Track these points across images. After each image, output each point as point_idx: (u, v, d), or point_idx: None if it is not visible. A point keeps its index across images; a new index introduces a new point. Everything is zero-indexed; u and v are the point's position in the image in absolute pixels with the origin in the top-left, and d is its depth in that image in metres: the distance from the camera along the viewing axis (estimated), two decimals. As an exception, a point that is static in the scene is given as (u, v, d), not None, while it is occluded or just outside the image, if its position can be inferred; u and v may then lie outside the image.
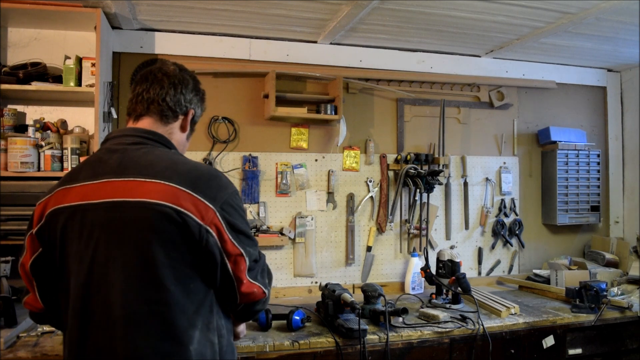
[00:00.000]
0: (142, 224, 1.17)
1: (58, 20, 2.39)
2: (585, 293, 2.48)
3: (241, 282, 1.26)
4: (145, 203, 1.17)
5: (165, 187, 1.18)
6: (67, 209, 1.22)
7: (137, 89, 1.39)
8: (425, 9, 2.40)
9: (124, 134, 1.34)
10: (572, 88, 3.53)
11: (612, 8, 2.33)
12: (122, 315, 1.16)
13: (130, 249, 1.17)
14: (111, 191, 1.20)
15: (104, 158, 1.27)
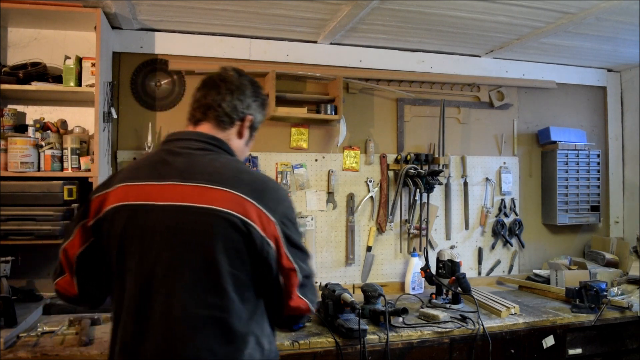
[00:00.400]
0: (208, 230, 1.18)
1: (58, 20, 2.39)
2: (585, 293, 2.48)
3: (290, 296, 1.26)
4: (212, 210, 1.18)
5: (232, 195, 1.20)
6: (129, 207, 1.23)
7: (197, 94, 1.40)
8: (425, 9, 2.40)
9: (188, 138, 1.33)
10: (572, 88, 3.53)
11: (612, 8, 2.33)
12: (183, 318, 1.17)
13: (194, 254, 1.18)
14: (177, 195, 1.21)
15: (168, 160, 1.27)
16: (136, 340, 1.20)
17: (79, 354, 1.83)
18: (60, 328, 2.01)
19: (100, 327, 2.13)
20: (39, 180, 2.23)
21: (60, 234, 2.20)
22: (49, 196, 2.22)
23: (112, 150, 2.63)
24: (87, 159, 2.32)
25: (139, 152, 2.67)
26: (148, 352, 1.19)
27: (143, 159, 1.37)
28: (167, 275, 1.19)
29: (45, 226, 2.19)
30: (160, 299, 1.19)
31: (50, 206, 2.21)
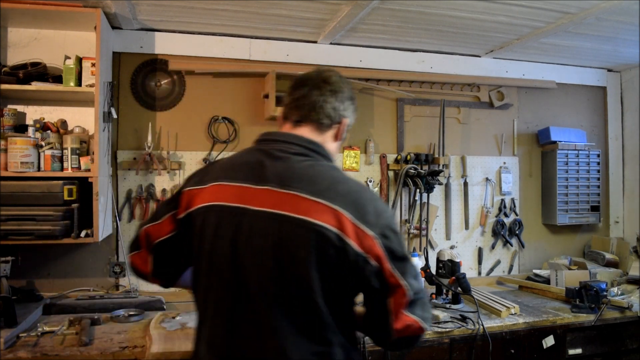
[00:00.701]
0: (302, 242, 1.14)
1: (58, 20, 2.39)
2: (585, 293, 2.48)
3: (396, 316, 1.19)
4: (308, 222, 1.15)
5: (328, 209, 1.15)
6: (223, 207, 1.22)
7: (296, 93, 1.35)
8: (425, 9, 2.40)
9: (287, 141, 1.29)
10: (572, 88, 3.53)
11: (612, 8, 2.33)
12: (274, 327, 1.16)
13: (287, 264, 1.15)
14: (272, 201, 1.18)
15: (266, 163, 1.24)
16: (226, 344, 1.20)
17: (79, 354, 1.83)
18: (60, 328, 2.01)
19: (100, 327, 2.13)
20: (39, 180, 2.23)
21: (60, 234, 2.21)
22: (49, 196, 2.22)
23: (112, 150, 2.63)
24: (87, 159, 2.32)
25: (139, 152, 2.68)
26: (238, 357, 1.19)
27: (238, 158, 1.33)
28: (257, 282, 1.17)
29: (45, 226, 2.19)
30: (250, 307, 1.18)
31: (50, 206, 2.21)
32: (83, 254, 2.61)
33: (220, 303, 1.21)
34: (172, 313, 2.34)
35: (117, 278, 2.65)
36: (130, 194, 2.67)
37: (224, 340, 1.21)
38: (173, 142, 2.75)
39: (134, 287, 2.59)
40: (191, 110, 2.78)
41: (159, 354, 1.83)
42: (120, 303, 2.40)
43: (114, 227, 2.63)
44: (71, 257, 2.59)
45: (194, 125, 2.79)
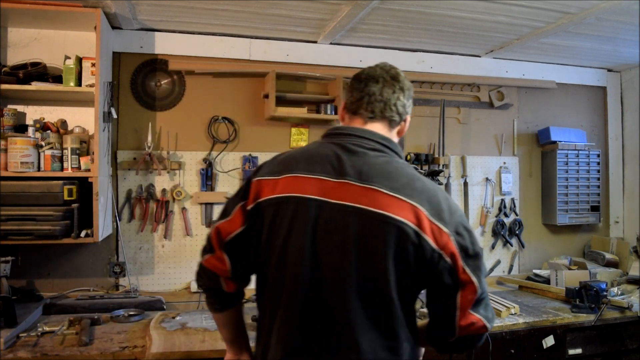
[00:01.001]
0: (382, 237, 1.15)
1: (58, 20, 2.39)
2: (585, 293, 2.48)
3: (462, 313, 1.21)
4: (388, 217, 1.16)
5: (407, 205, 1.17)
6: (300, 199, 1.21)
7: (367, 89, 1.37)
8: (425, 9, 2.40)
9: (361, 136, 1.31)
10: (572, 88, 3.53)
11: (612, 8, 2.33)
12: (348, 321, 1.17)
13: (366, 258, 1.16)
14: (351, 195, 1.19)
15: (343, 157, 1.25)
16: (299, 337, 1.20)
17: (79, 354, 1.83)
18: (60, 328, 2.01)
19: (100, 327, 2.13)
20: (39, 180, 2.23)
21: (60, 234, 2.21)
22: (49, 196, 2.22)
23: (112, 150, 2.63)
24: (87, 159, 2.32)
25: (139, 152, 2.67)
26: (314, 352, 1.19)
27: (312, 150, 1.33)
28: (335, 277, 1.18)
29: (45, 226, 2.19)
30: (324, 299, 1.18)
31: (50, 206, 2.21)
32: (83, 254, 2.61)
33: (294, 296, 1.21)
34: (172, 313, 2.34)
35: (117, 278, 2.65)
36: (130, 194, 2.67)
37: (296, 333, 1.21)
38: (173, 142, 2.75)
39: (134, 287, 2.60)
40: (191, 110, 2.78)
41: (159, 354, 1.83)
42: (120, 303, 2.40)
43: (114, 227, 2.63)
44: (71, 257, 2.59)
45: (194, 125, 2.79)
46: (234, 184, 2.83)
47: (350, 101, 1.40)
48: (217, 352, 1.88)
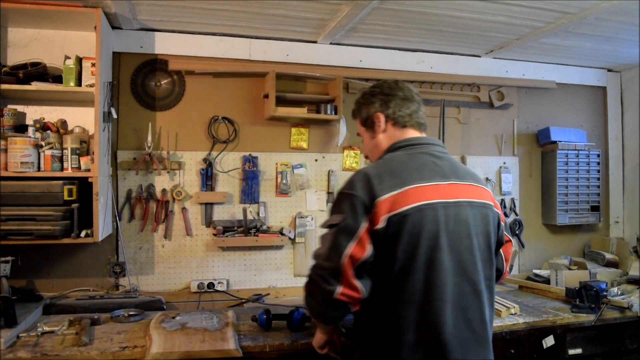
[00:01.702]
0: (486, 219, 1.52)
1: (58, 20, 2.39)
2: (585, 293, 2.48)
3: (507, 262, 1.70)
4: (487, 204, 1.55)
5: (485, 190, 1.58)
6: (431, 204, 1.43)
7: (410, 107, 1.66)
8: (425, 9, 2.40)
9: (435, 143, 1.62)
10: (572, 88, 3.53)
11: (612, 8, 2.33)
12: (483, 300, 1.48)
13: (482, 239, 1.50)
14: (461, 192, 1.49)
15: (438, 163, 1.53)
16: (452, 321, 1.41)
17: (79, 354, 1.83)
18: (60, 328, 2.01)
19: (100, 327, 2.13)
20: (39, 180, 2.23)
21: (60, 234, 2.21)
22: (49, 196, 2.22)
23: (112, 150, 2.63)
24: (87, 159, 2.32)
25: (139, 152, 2.68)
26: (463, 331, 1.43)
27: (409, 162, 1.52)
28: (473, 263, 1.47)
29: (45, 226, 2.19)
30: (470, 288, 1.46)
31: (50, 206, 2.21)
32: (83, 254, 2.61)
33: (443, 288, 1.41)
34: (172, 313, 2.34)
35: (117, 278, 2.65)
36: (130, 194, 2.67)
37: (449, 319, 1.40)
38: (173, 142, 2.75)
39: (134, 287, 2.60)
40: (191, 110, 2.78)
41: (159, 354, 1.83)
42: (120, 303, 2.40)
43: (114, 227, 2.63)
44: (71, 257, 2.60)
45: (194, 125, 2.79)
46: (234, 184, 2.83)
47: (399, 116, 1.65)
48: (217, 352, 1.88)
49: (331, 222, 1.46)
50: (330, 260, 1.41)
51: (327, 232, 1.47)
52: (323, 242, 1.47)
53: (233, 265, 2.82)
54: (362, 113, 1.73)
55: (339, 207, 1.47)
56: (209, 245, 2.78)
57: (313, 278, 1.46)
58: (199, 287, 2.72)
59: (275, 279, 2.89)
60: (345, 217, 1.42)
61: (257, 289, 2.83)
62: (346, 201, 1.44)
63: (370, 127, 1.70)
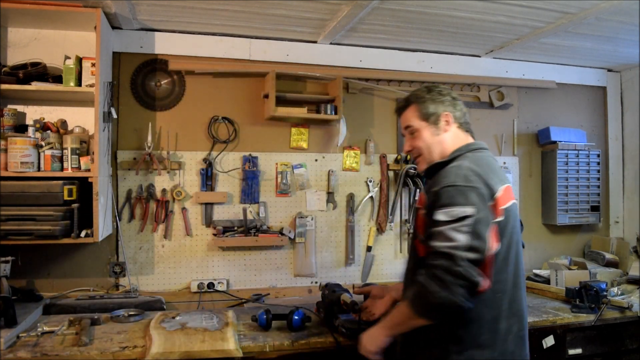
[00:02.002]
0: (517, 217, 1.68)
1: (58, 20, 2.39)
2: (585, 293, 2.48)
3: None
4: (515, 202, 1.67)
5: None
6: (513, 203, 1.63)
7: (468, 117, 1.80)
8: (425, 9, 2.40)
9: (486, 148, 1.75)
10: (572, 88, 3.53)
11: (612, 8, 2.33)
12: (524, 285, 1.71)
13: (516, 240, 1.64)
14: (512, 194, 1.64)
15: (498, 166, 1.70)
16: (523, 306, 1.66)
17: (79, 354, 1.83)
18: (60, 328, 2.01)
19: (100, 327, 2.13)
20: (39, 180, 2.23)
21: (60, 234, 2.21)
22: (49, 196, 2.22)
23: (112, 150, 2.63)
24: (87, 159, 2.32)
25: (139, 152, 2.68)
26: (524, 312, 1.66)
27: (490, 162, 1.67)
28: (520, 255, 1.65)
29: (45, 226, 2.19)
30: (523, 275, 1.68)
31: (50, 206, 2.21)
32: (83, 254, 2.61)
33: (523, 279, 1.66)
34: (172, 313, 2.34)
35: (117, 278, 2.65)
36: (130, 194, 2.67)
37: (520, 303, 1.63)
38: (173, 142, 2.75)
39: (134, 287, 2.60)
40: (191, 110, 2.78)
41: (159, 354, 1.83)
42: (120, 303, 2.40)
43: (114, 227, 2.63)
44: (71, 257, 2.60)
45: (194, 125, 2.79)
46: (234, 184, 2.83)
47: (465, 121, 1.77)
48: (217, 352, 1.88)
49: (463, 214, 1.45)
50: (475, 252, 1.43)
51: (456, 225, 1.45)
52: (454, 234, 1.44)
53: (233, 265, 2.82)
54: (429, 108, 1.72)
55: (464, 198, 1.48)
56: (209, 245, 2.78)
57: (454, 270, 1.41)
58: (199, 287, 2.72)
59: (275, 279, 2.89)
60: (477, 208, 1.47)
61: (257, 289, 2.83)
62: (472, 193, 1.49)
63: (433, 124, 1.72)
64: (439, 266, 1.44)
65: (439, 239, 1.47)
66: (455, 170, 1.55)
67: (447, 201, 1.49)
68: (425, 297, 1.45)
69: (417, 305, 1.50)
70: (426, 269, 1.47)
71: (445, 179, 1.54)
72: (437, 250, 1.46)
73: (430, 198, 1.56)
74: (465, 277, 1.41)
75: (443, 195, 1.51)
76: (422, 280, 1.47)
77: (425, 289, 1.44)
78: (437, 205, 1.51)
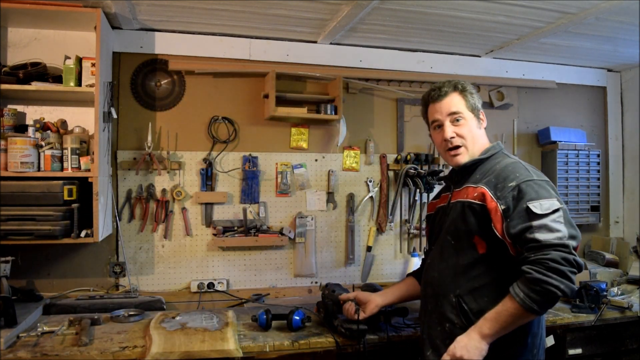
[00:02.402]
0: None
1: (58, 20, 2.39)
2: (585, 293, 2.48)
3: None
4: None
5: None
6: None
7: None
8: (425, 9, 2.40)
9: None
10: (572, 88, 3.53)
11: (612, 8, 2.33)
12: None
13: None
14: None
15: None
16: None
17: (79, 354, 1.83)
18: (60, 328, 2.01)
19: (100, 327, 2.13)
20: (39, 180, 2.23)
21: (60, 234, 2.21)
22: (49, 196, 2.22)
23: (112, 150, 2.63)
24: (87, 159, 2.32)
25: (139, 152, 2.68)
26: None
27: None
28: None
29: (45, 226, 2.19)
30: None
31: (50, 206, 2.21)
32: (83, 254, 2.61)
33: None
34: (172, 313, 2.34)
35: (117, 278, 2.65)
36: (130, 194, 2.67)
37: None
38: (173, 142, 2.75)
39: (134, 287, 2.60)
40: (191, 110, 2.78)
41: (159, 354, 1.83)
42: (120, 303, 2.40)
43: (114, 227, 2.63)
44: (71, 257, 2.60)
45: (194, 125, 2.79)
46: (234, 184, 2.83)
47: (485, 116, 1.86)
48: (217, 352, 1.88)
49: (554, 206, 1.51)
50: (575, 239, 1.49)
51: (554, 216, 1.49)
52: (556, 225, 1.48)
53: (233, 265, 2.82)
54: (475, 101, 1.78)
55: (547, 191, 1.55)
56: (209, 245, 2.78)
57: (569, 259, 1.44)
58: (199, 287, 2.72)
59: (275, 279, 2.89)
60: (559, 200, 1.54)
61: (257, 289, 2.83)
62: (548, 186, 1.58)
63: (477, 117, 1.78)
64: (553, 259, 1.43)
65: (544, 232, 1.47)
66: (520, 166, 1.67)
67: (534, 195, 1.53)
68: (549, 291, 1.42)
69: (539, 301, 1.45)
70: (538, 265, 1.44)
71: (518, 174, 1.61)
72: (548, 242, 1.46)
73: (508, 192, 1.57)
74: (578, 264, 1.45)
75: (527, 189, 1.55)
76: (540, 276, 1.43)
77: (548, 284, 1.42)
78: (526, 200, 1.53)
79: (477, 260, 1.64)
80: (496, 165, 1.70)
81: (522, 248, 1.51)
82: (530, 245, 1.48)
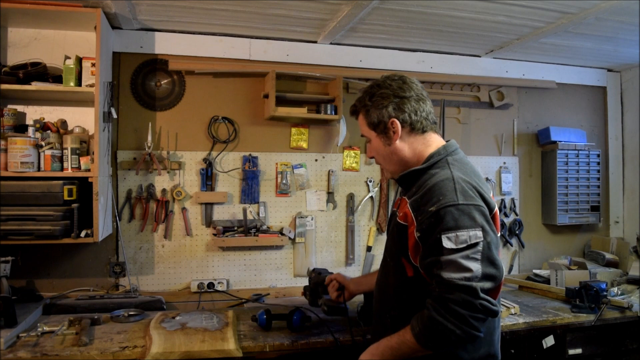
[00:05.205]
0: None
1: (58, 20, 2.39)
2: (585, 293, 2.48)
3: None
4: None
5: None
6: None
7: (427, 109, 1.61)
8: (425, 9, 2.40)
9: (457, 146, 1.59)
10: (572, 88, 3.53)
11: (612, 8, 2.33)
12: None
13: None
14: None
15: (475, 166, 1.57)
16: None
17: (79, 354, 1.83)
18: (60, 328, 2.01)
19: (100, 327, 2.13)
20: (39, 180, 2.23)
21: (60, 234, 2.21)
22: (49, 196, 2.22)
23: (112, 150, 2.63)
24: (87, 159, 2.32)
25: (139, 152, 2.68)
26: None
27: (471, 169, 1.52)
28: None
29: (45, 226, 2.19)
30: None
31: (50, 206, 2.21)
32: (83, 254, 2.61)
33: None
34: (172, 313, 2.34)
35: (117, 278, 2.65)
36: (130, 194, 2.67)
37: None
38: (173, 142, 2.75)
39: (134, 287, 2.60)
40: (191, 110, 2.78)
41: (159, 354, 1.83)
42: (120, 303, 2.40)
43: (114, 227, 2.63)
44: (71, 257, 2.60)
45: (194, 125, 2.79)
46: (234, 184, 2.83)
47: (416, 120, 1.56)
48: (217, 352, 1.88)
49: (474, 239, 1.33)
50: (492, 280, 1.35)
51: (468, 252, 1.32)
52: (467, 263, 1.32)
53: (233, 265, 2.82)
54: (372, 117, 1.60)
55: (470, 219, 1.34)
56: (209, 245, 2.78)
57: (474, 304, 1.30)
58: (199, 287, 2.72)
59: (275, 279, 2.89)
60: (486, 231, 1.35)
61: (257, 289, 2.83)
62: (476, 212, 1.35)
63: (382, 133, 1.57)
64: (455, 301, 1.30)
65: (451, 270, 1.32)
66: (449, 185, 1.39)
67: (452, 224, 1.33)
68: (443, 333, 1.31)
69: (432, 341, 1.35)
70: (438, 303, 1.32)
71: (441, 197, 1.37)
72: (451, 282, 1.31)
73: (427, 218, 1.37)
74: (486, 310, 1.31)
75: (445, 216, 1.34)
76: (436, 316, 1.32)
77: (443, 326, 1.31)
78: (440, 229, 1.34)
79: (406, 283, 1.51)
80: (429, 179, 1.46)
81: (431, 281, 1.38)
82: (436, 280, 1.35)
